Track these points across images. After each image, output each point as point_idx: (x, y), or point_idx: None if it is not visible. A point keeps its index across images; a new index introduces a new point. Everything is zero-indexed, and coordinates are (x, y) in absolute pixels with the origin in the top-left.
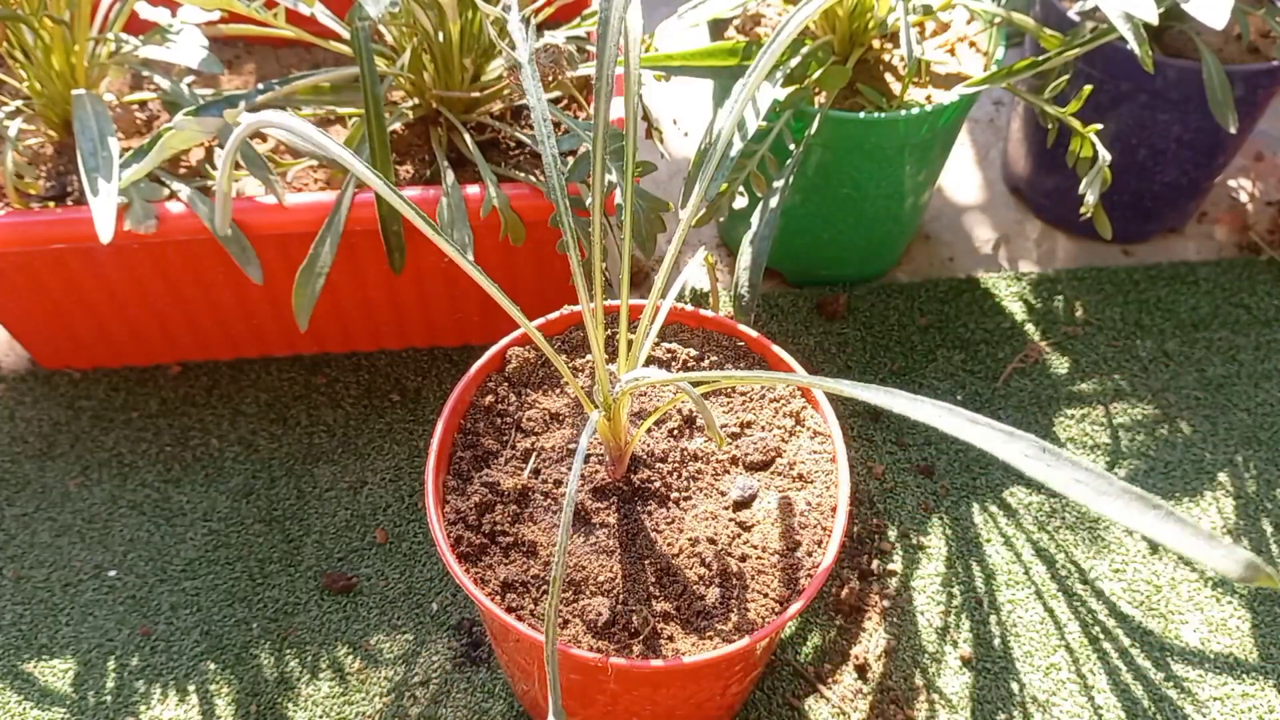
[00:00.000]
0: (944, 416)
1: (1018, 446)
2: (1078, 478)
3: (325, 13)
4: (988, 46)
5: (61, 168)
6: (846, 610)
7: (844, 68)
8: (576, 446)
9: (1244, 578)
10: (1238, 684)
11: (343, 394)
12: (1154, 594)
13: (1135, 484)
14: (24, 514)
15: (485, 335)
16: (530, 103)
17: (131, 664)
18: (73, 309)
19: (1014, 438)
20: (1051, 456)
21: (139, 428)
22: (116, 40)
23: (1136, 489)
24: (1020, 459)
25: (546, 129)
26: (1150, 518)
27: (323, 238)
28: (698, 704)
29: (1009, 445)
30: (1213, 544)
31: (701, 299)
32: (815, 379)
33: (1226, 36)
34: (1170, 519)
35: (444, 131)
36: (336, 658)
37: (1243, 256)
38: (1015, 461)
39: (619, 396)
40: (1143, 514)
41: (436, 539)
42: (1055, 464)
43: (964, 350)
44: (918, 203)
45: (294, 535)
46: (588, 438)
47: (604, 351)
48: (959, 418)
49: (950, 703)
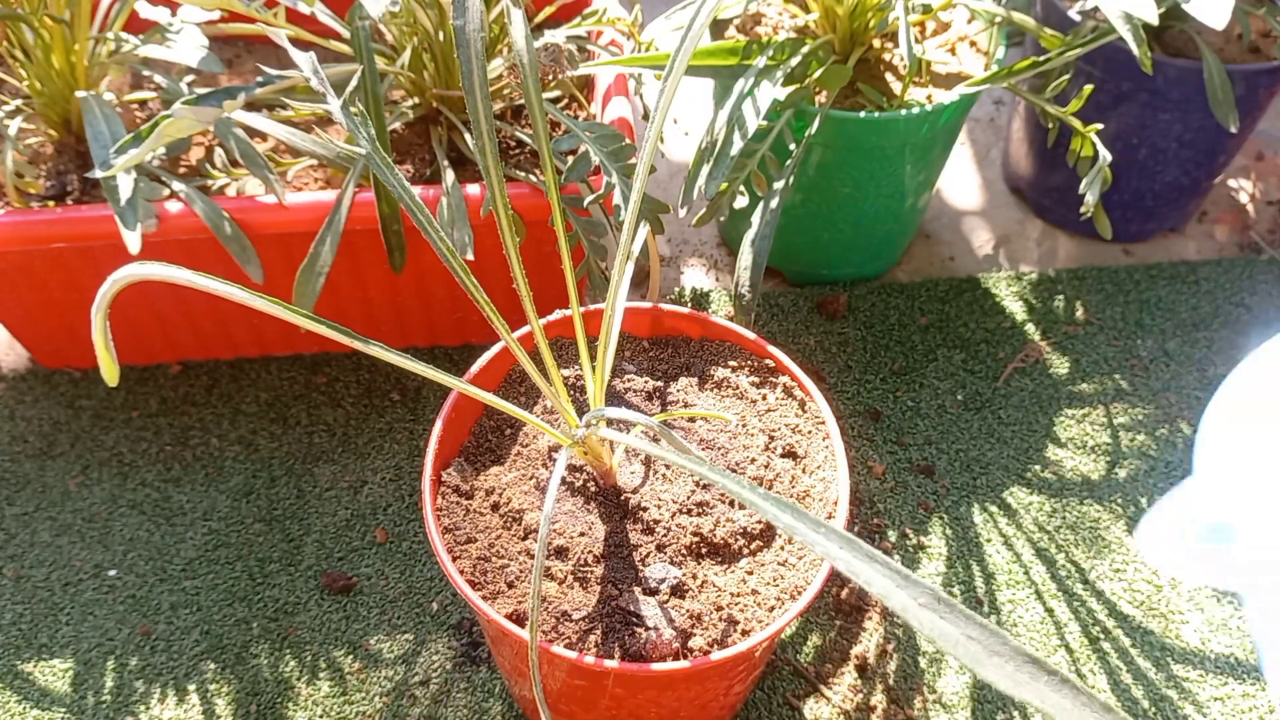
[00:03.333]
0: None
1: (909, 593)
2: (970, 634)
3: (325, 12)
4: (988, 46)
5: (61, 167)
6: (846, 610)
7: (844, 67)
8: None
9: None
10: (1238, 684)
11: (343, 393)
12: (1154, 594)
13: (1135, 484)
14: (24, 513)
15: (486, 335)
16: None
17: (131, 664)
18: (73, 309)
19: (908, 583)
20: (945, 608)
21: (139, 427)
22: (116, 39)
23: (1030, 651)
24: (912, 606)
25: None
26: (1043, 685)
27: (323, 237)
28: (702, 704)
29: (900, 591)
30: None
31: (702, 299)
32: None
33: (1227, 36)
34: (1064, 687)
35: (444, 131)
36: (336, 658)
37: (1243, 256)
38: (907, 610)
39: (586, 436)
40: (1034, 680)
41: (433, 540)
42: (948, 616)
43: (964, 350)
44: (918, 202)
45: (294, 535)
46: (559, 473)
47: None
48: (857, 554)
49: (950, 703)
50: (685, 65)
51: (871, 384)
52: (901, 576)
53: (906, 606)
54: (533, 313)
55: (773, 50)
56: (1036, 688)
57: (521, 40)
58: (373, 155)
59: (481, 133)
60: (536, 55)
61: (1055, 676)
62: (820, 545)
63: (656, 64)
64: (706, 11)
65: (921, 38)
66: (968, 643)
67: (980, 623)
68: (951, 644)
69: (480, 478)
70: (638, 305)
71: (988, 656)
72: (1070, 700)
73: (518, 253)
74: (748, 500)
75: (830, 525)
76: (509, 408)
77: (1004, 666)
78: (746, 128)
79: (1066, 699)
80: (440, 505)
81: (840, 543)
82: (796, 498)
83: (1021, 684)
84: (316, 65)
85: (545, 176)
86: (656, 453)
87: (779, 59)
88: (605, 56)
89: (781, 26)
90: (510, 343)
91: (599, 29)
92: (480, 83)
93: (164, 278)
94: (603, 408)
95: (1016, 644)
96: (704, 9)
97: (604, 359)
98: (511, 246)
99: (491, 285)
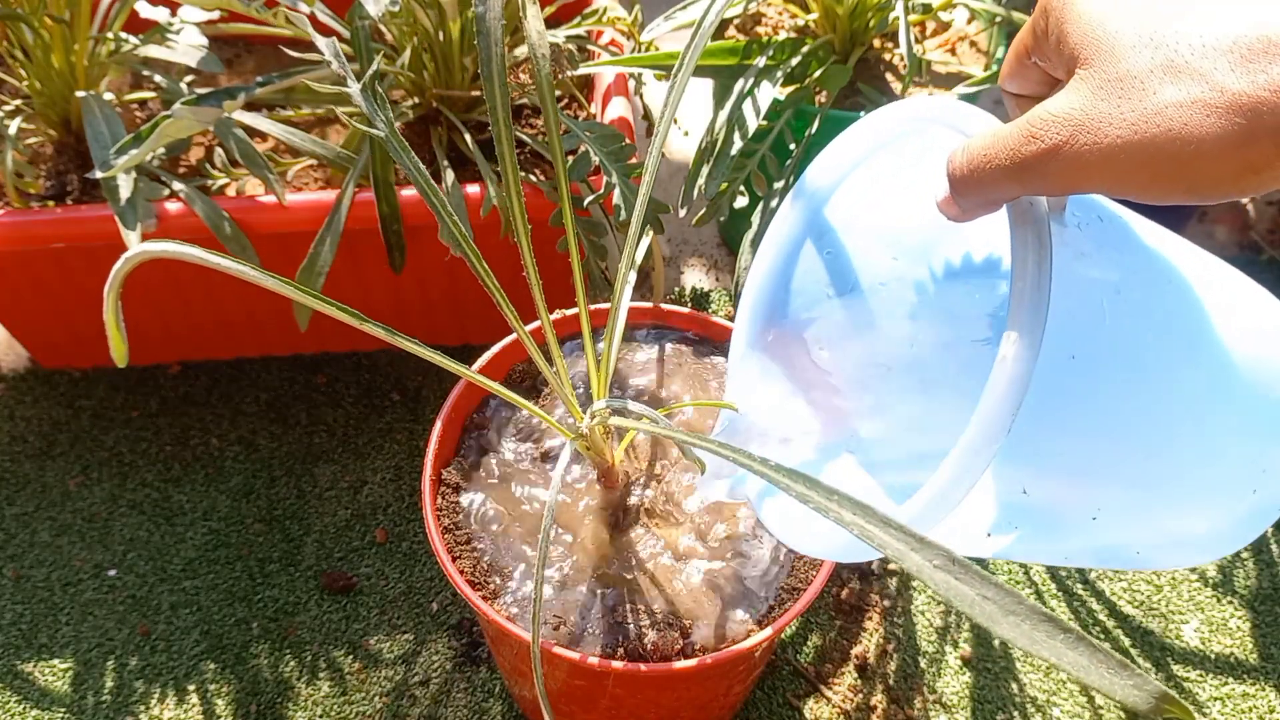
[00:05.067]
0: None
1: (924, 555)
2: (985, 594)
3: (325, 12)
4: (988, 46)
5: (61, 167)
6: (847, 610)
7: (845, 67)
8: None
9: (1153, 710)
10: (1238, 684)
11: (343, 393)
12: (1154, 594)
13: None
14: (24, 513)
15: (485, 335)
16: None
17: (131, 664)
18: (73, 309)
19: (923, 546)
20: (960, 569)
21: (139, 427)
22: (116, 39)
23: (1045, 610)
24: (927, 569)
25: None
26: (1059, 643)
27: (323, 237)
28: (702, 704)
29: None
30: (1123, 674)
31: (702, 299)
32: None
33: None
34: (1080, 644)
35: (444, 131)
36: (336, 658)
37: (1243, 256)
38: (922, 571)
39: (591, 428)
40: (1051, 638)
41: (433, 540)
42: (962, 577)
43: None
44: None
45: (294, 535)
46: (561, 468)
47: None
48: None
49: (950, 703)
50: (695, 63)
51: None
52: (916, 539)
53: (922, 568)
54: (542, 304)
55: (773, 50)
56: (1053, 645)
57: (536, 33)
58: (390, 138)
59: (498, 119)
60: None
61: (1071, 634)
62: (834, 512)
63: (657, 64)
64: (717, 9)
65: (921, 38)
66: (983, 603)
67: (995, 583)
68: (968, 604)
69: (480, 477)
70: (639, 305)
71: (1003, 616)
72: (1087, 657)
73: (529, 241)
74: (759, 472)
75: (843, 492)
76: (515, 398)
77: (1020, 625)
78: (746, 128)
79: (1083, 656)
80: (440, 505)
81: (853, 509)
82: None
83: (1038, 641)
84: (338, 49)
85: (556, 168)
86: (663, 433)
87: (779, 59)
88: (605, 56)
89: (781, 26)
90: (521, 333)
91: (599, 29)
92: (499, 70)
93: (179, 255)
94: (607, 398)
95: (1032, 604)
96: (714, 7)
97: (609, 355)
98: (523, 234)
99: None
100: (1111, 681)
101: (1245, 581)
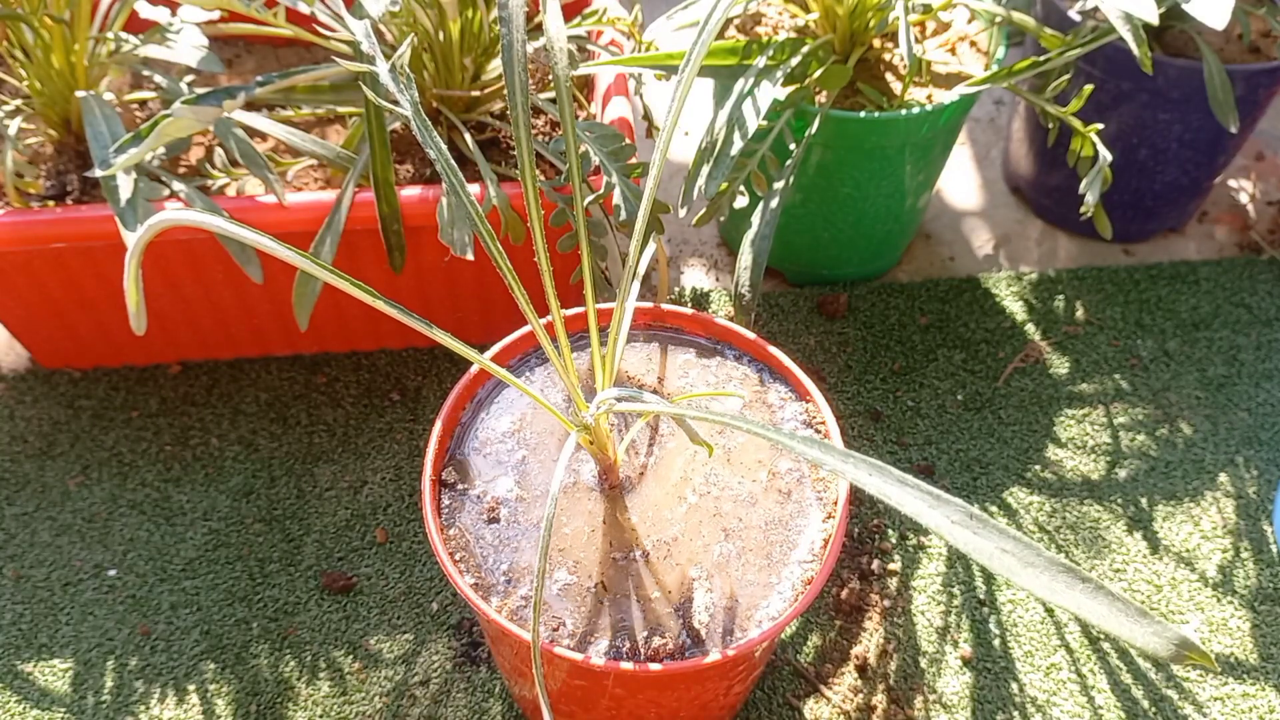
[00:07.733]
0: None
1: (943, 512)
2: (1004, 547)
3: (325, 12)
4: (988, 46)
5: (61, 167)
6: (847, 610)
7: (845, 67)
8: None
9: (1173, 657)
10: (1238, 684)
11: (343, 393)
12: (1154, 594)
13: (1136, 484)
14: (24, 513)
15: (486, 334)
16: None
17: (131, 664)
18: (73, 309)
19: (941, 503)
20: (978, 524)
21: (139, 427)
22: (116, 39)
23: (1064, 560)
24: (946, 525)
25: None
26: (1079, 593)
27: (323, 237)
28: (702, 704)
29: (934, 511)
30: (1143, 621)
31: (702, 299)
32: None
33: (1227, 36)
34: (1099, 594)
35: (444, 130)
36: (336, 658)
37: (1243, 256)
38: (941, 527)
39: (595, 419)
40: (1070, 588)
41: (433, 540)
42: (981, 531)
43: (964, 350)
44: (918, 202)
45: (294, 535)
46: (564, 462)
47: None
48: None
49: (950, 703)
50: (700, 62)
51: (872, 384)
52: (934, 497)
53: (941, 525)
54: (554, 298)
55: (773, 50)
56: (1072, 595)
57: (555, 28)
58: (414, 118)
59: (516, 104)
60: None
61: (1090, 583)
62: (850, 473)
63: (657, 64)
64: (723, 8)
65: (921, 38)
66: (1003, 555)
67: (1014, 536)
68: (987, 557)
69: (480, 477)
70: (641, 305)
71: (1022, 568)
72: (1106, 606)
73: (543, 232)
74: (773, 439)
75: (858, 455)
76: (523, 386)
77: (1039, 576)
78: (746, 128)
79: (1102, 605)
80: (440, 505)
81: (870, 469)
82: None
83: (1058, 591)
84: (368, 29)
85: (570, 165)
86: (673, 411)
87: (779, 59)
88: (605, 56)
89: (781, 26)
90: (535, 324)
91: (599, 29)
92: (520, 59)
93: (199, 223)
94: (612, 389)
95: (1051, 555)
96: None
97: (614, 349)
98: (537, 224)
99: (491, 284)
100: (1132, 629)
101: (1245, 581)
